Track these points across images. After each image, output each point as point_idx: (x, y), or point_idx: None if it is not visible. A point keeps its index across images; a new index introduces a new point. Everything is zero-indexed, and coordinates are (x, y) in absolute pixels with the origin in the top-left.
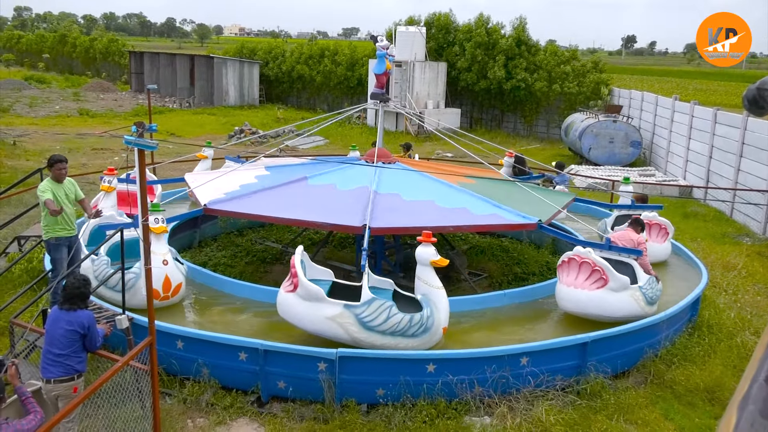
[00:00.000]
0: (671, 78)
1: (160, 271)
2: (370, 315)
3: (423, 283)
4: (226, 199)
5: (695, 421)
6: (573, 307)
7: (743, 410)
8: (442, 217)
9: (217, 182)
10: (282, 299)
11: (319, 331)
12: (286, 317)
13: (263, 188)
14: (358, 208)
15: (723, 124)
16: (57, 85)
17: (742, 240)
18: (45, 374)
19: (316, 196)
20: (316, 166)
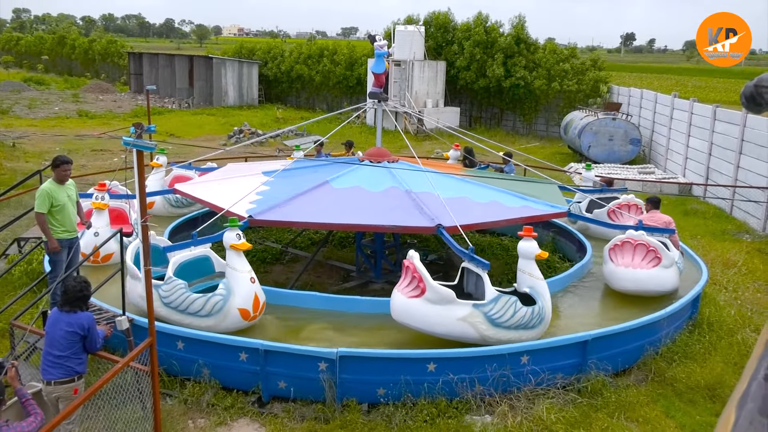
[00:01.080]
0: (670, 75)
1: (250, 290)
2: (498, 312)
3: (528, 276)
4: (265, 209)
5: (696, 419)
6: (632, 285)
7: (742, 408)
8: (492, 211)
9: (220, 190)
10: (406, 305)
11: (450, 333)
12: (411, 322)
13: (294, 195)
14: (408, 208)
15: (722, 121)
16: (56, 86)
17: (741, 237)
18: (45, 376)
19: (353, 199)
20: (322, 169)
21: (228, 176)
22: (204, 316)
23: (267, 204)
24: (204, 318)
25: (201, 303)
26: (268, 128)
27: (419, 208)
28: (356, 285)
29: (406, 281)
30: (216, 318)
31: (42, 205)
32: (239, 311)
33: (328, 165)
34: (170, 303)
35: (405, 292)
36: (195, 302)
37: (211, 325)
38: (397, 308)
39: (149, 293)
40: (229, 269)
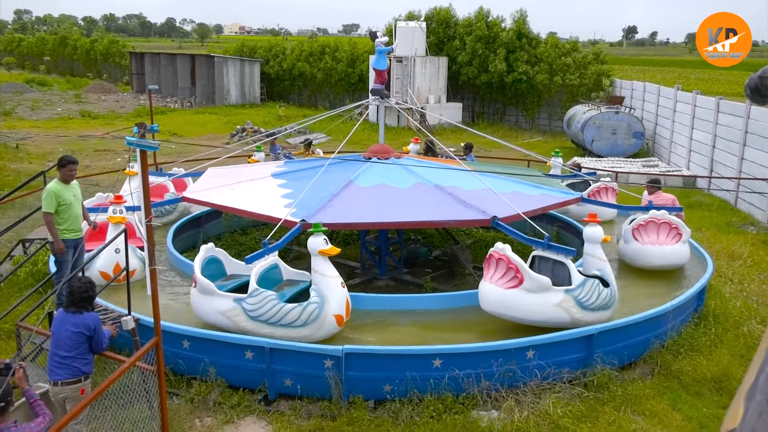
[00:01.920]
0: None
1: (342, 295)
2: (586, 295)
3: (597, 259)
4: (312, 213)
5: (703, 411)
6: (659, 261)
7: (751, 401)
8: (523, 200)
9: (239, 196)
10: (502, 296)
11: (547, 320)
12: (508, 312)
13: (328, 196)
14: (450, 202)
15: (726, 113)
16: (58, 87)
17: (746, 229)
18: (52, 377)
19: (389, 197)
20: (330, 168)
21: (235, 180)
22: (299, 326)
23: (308, 207)
24: (299, 328)
25: (297, 313)
26: (270, 126)
27: (462, 202)
28: (361, 282)
29: (499, 272)
30: (312, 327)
31: (49, 204)
32: (335, 318)
33: (334, 164)
34: (260, 316)
35: (500, 283)
36: (290, 313)
37: (307, 335)
38: (492, 300)
39: (155, 292)
40: (318, 276)
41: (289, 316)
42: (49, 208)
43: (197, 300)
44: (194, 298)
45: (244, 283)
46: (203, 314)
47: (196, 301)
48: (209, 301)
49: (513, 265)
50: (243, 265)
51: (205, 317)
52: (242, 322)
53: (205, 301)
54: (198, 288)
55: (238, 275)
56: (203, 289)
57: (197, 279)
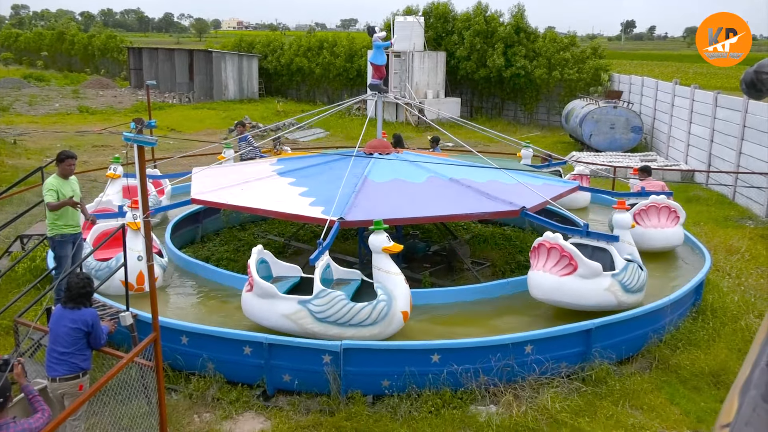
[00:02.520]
0: (671, 62)
1: (406, 292)
2: (629, 278)
3: (628, 244)
4: (344, 210)
5: (701, 405)
6: (661, 243)
7: (745, 395)
8: (534, 191)
9: (254, 195)
10: (557, 283)
11: (595, 304)
12: (562, 299)
13: (352, 192)
14: (472, 195)
15: (724, 107)
16: (56, 82)
17: (744, 223)
18: (50, 373)
19: (410, 192)
20: (334, 164)
21: (243, 180)
22: (369, 324)
23: (335, 204)
24: (369, 327)
25: (367, 312)
26: (269, 121)
27: (484, 194)
28: None
29: (552, 261)
30: (381, 325)
31: (51, 196)
32: (402, 314)
33: (336, 160)
34: (328, 317)
35: (554, 271)
36: (361, 312)
37: (376, 334)
38: (546, 287)
39: (152, 286)
40: (383, 273)
41: (360, 316)
42: (52, 198)
43: (254, 304)
44: (250, 301)
45: (295, 285)
46: (261, 318)
47: (253, 305)
48: (270, 304)
49: (567, 253)
50: (287, 266)
51: (263, 321)
52: (308, 324)
53: (265, 304)
54: (256, 291)
55: (285, 277)
56: (264, 293)
57: (256, 282)
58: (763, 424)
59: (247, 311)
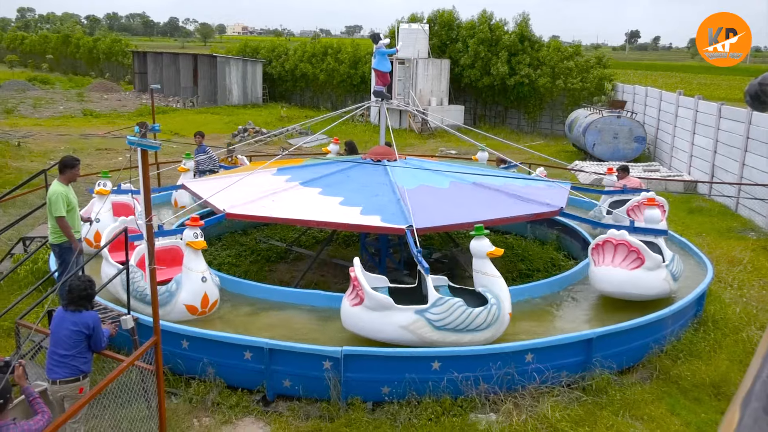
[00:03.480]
0: (675, 73)
1: (509, 292)
2: (676, 268)
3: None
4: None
5: (701, 416)
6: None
7: (746, 407)
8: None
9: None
10: (627, 277)
11: (657, 293)
12: (632, 290)
13: (396, 198)
14: (503, 198)
15: (727, 118)
16: (61, 85)
17: (747, 234)
18: (50, 375)
19: (447, 197)
20: (348, 172)
21: (261, 192)
22: (484, 329)
23: (389, 213)
24: (483, 331)
25: (484, 316)
26: (272, 127)
27: (515, 196)
28: None
29: (620, 256)
30: (494, 328)
31: (62, 209)
32: (509, 315)
33: (349, 168)
34: (447, 324)
35: (624, 265)
36: (478, 317)
37: (489, 337)
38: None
39: (154, 291)
40: (487, 277)
41: (477, 321)
42: (62, 212)
43: (364, 317)
44: (360, 315)
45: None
46: (374, 331)
47: (363, 318)
48: (385, 317)
49: (635, 248)
50: (376, 278)
51: (376, 334)
52: (427, 334)
53: (380, 317)
54: (369, 304)
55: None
56: (378, 305)
57: (370, 295)
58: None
59: (354, 325)
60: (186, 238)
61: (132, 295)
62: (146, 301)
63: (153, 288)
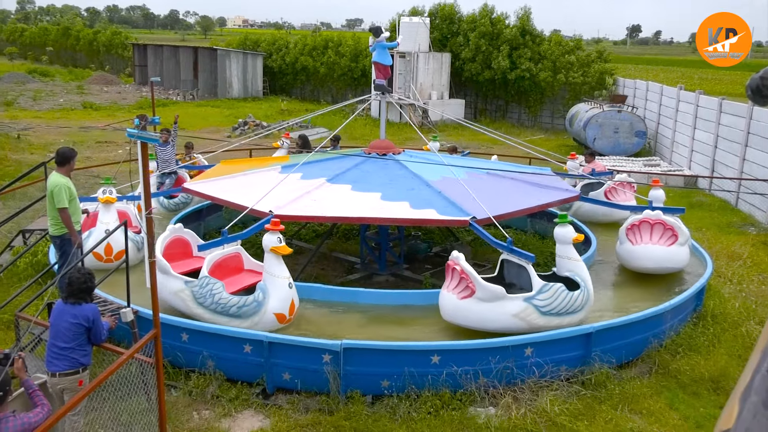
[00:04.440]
0: (676, 67)
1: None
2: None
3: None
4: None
5: (700, 411)
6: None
7: (745, 401)
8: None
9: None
10: (666, 253)
11: (683, 266)
12: (670, 265)
13: (438, 192)
14: (525, 186)
15: (728, 113)
16: (61, 78)
17: (747, 230)
18: (50, 367)
19: (479, 186)
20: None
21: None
22: (579, 311)
23: (440, 205)
24: (578, 313)
25: (580, 299)
26: (272, 120)
27: (534, 184)
28: (360, 277)
29: (656, 235)
30: (586, 309)
31: (65, 200)
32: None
33: (359, 163)
34: (552, 309)
35: (661, 242)
36: (576, 300)
37: (582, 319)
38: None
39: (153, 283)
40: (572, 262)
41: (576, 303)
42: (66, 203)
43: (477, 308)
44: (472, 307)
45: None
46: (486, 321)
47: (476, 310)
48: (498, 307)
49: (670, 227)
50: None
51: (487, 324)
52: (535, 320)
53: (492, 308)
54: (481, 296)
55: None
56: (492, 296)
57: (483, 286)
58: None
59: (464, 317)
60: (270, 244)
61: (210, 308)
62: (229, 314)
63: (153, 281)
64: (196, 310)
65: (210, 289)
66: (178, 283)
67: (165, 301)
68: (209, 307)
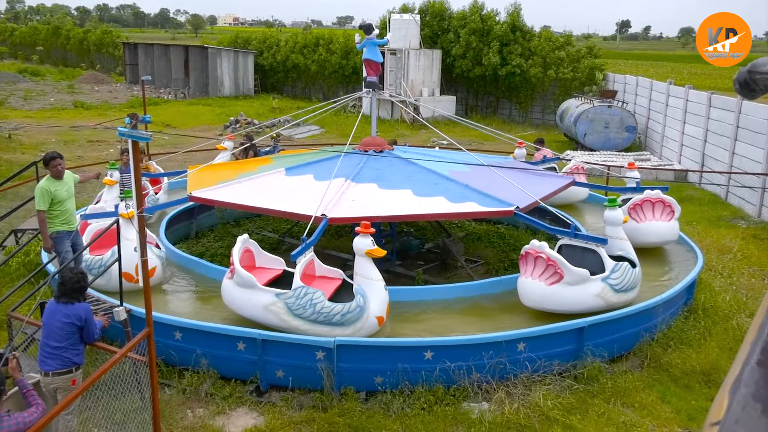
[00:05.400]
0: (666, 62)
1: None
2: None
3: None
4: (496, 197)
5: (692, 404)
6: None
7: (735, 393)
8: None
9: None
10: (668, 228)
11: (669, 240)
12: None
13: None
14: (531, 176)
15: (717, 107)
16: (51, 77)
17: (737, 223)
18: (43, 367)
19: (490, 178)
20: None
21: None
22: (635, 288)
23: (475, 197)
24: (634, 290)
25: (637, 277)
26: (264, 118)
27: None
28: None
29: (657, 211)
30: (638, 287)
31: (42, 202)
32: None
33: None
34: (623, 287)
35: (663, 218)
36: (636, 278)
37: (634, 297)
38: (660, 232)
39: (146, 282)
40: (623, 242)
41: (637, 279)
42: (42, 206)
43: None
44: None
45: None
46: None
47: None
48: (583, 289)
49: (668, 203)
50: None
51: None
52: (612, 298)
53: (579, 290)
54: (570, 280)
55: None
56: (579, 279)
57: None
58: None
59: (554, 302)
60: (363, 247)
61: (310, 319)
62: (332, 322)
63: (145, 280)
64: (292, 323)
65: (310, 298)
66: (269, 297)
67: (252, 317)
68: (309, 318)
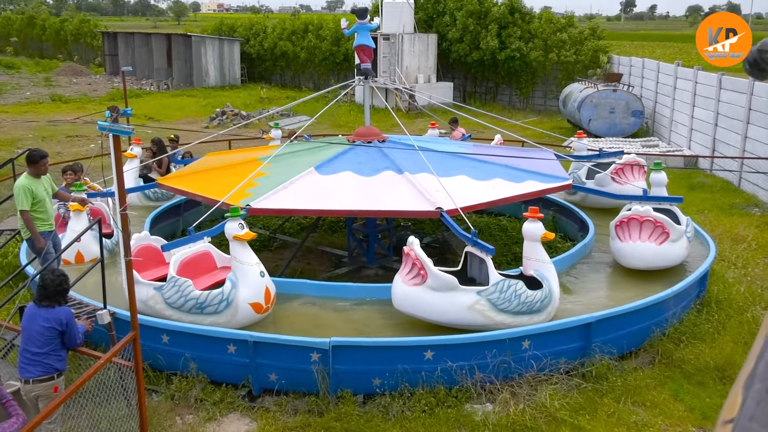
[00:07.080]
0: (673, 43)
1: None
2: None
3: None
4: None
5: (706, 401)
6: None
7: (749, 389)
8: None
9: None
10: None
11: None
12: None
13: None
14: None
15: (728, 89)
16: (27, 70)
17: (751, 211)
18: (23, 374)
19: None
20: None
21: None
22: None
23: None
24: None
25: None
26: (252, 109)
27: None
28: (348, 271)
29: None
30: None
31: (25, 202)
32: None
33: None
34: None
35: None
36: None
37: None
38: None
39: (131, 285)
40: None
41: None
42: (25, 206)
43: (427, 297)
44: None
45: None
46: (437, 312)
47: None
48: (449, 297)
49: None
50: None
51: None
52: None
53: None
54: (433, 284)
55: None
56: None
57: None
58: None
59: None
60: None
61: (183, 309)
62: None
63: (129, 281)
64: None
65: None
66: (471, 296)
67: (452, 322)
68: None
